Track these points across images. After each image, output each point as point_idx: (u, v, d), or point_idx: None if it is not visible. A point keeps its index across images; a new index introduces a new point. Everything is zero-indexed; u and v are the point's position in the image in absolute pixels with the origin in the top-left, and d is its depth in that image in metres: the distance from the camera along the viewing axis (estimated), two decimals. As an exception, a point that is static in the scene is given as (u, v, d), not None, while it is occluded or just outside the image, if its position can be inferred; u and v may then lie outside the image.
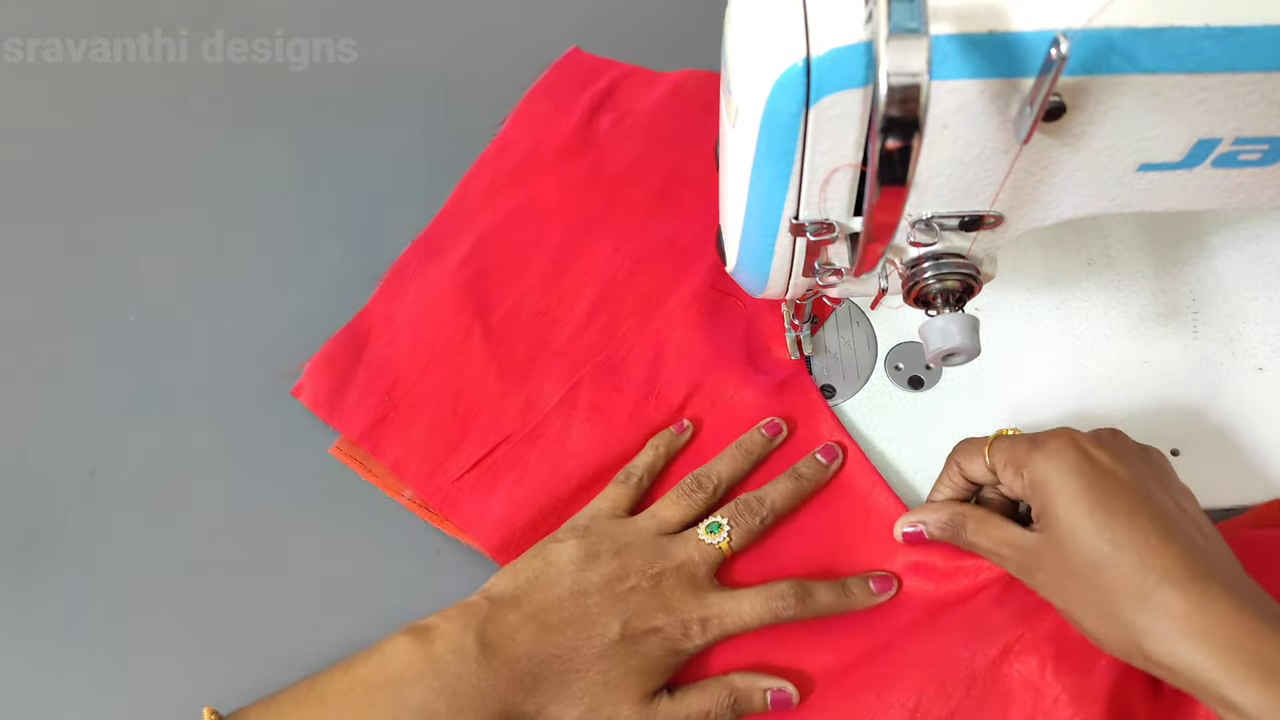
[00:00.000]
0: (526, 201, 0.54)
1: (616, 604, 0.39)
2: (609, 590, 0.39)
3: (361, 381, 0.49)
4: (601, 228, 0.53)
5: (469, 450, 0.47)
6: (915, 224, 0.34)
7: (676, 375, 0.48)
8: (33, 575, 0.46)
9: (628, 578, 0.40)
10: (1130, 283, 0.50)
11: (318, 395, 0.49)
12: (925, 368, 0.48)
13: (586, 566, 0.40)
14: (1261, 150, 0.31)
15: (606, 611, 0.39)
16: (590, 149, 0.56)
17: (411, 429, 0.48)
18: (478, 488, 0.46)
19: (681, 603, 0.40)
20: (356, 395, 0.49)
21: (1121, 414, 0.46)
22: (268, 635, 0.44)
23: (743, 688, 0.39)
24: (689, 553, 0.41)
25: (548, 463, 0.46)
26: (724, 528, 0.42)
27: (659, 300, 0.51)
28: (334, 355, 0.50)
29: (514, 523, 0.45)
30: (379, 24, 0.62)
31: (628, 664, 0.38)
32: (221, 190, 0.57)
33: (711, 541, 0.41)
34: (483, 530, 0.45)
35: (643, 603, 0.39)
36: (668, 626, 0.39)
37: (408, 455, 0.47)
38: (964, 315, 0.36)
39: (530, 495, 0.45)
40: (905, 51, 0.25)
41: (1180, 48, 0.28)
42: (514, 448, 0.47)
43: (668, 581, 0.40)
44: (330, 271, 0.54)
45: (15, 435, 0.50)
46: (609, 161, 0.55)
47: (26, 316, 0.53)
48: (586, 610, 0.39)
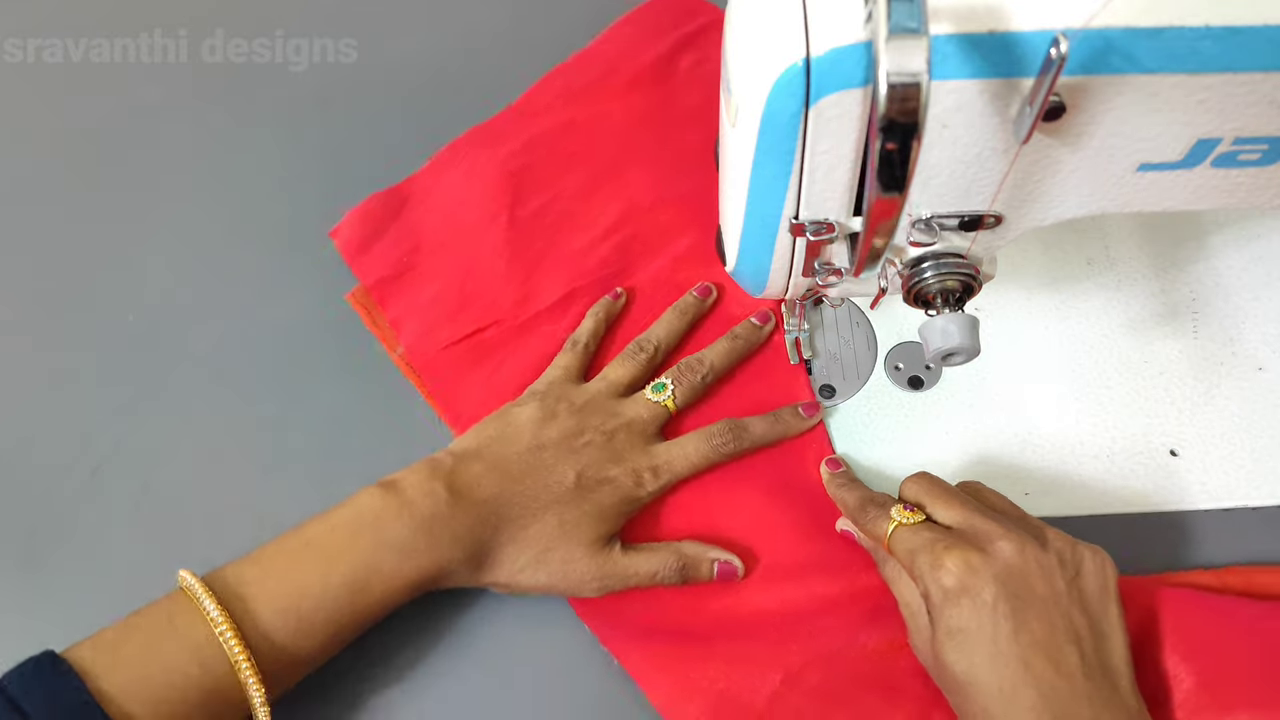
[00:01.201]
0: (589, 117, 0.56)
1: (572, 456, 0.42)
2: (565, 445, 0.42)
3: (390, 238, 0.53)
4: (649, 160, 0.55)
5: (461, 324, 0.50)
6: (915, 224, 0.34)
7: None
8: (35, 574, 0.46)
9: (583, 434, 0.43)
10: (1130, 283, 0.50)
11: (349, 241, 0.53)
12: (925, 368, 0.48)
13: (545, 424, 0.43)
14: (1261, 150, 0.31)
15: (562, 462, 0.42)
16: (664, 84, 0.57)
17: (419, 291, 0.51)
18: (460, 362, 0.49)
19: (632, 455, 0.43)
20: (381, 248, 0.52)
21: (1120, 414, 0.46)
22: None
23: (691, 555, 0.42)
24: (638, 410, 0.44)
25: (529, 357, 0.49)
26: (668, 387, 0.45)
27: (673, 236, 0.52)
28: (372, 210, 0.53)
29: (483, 404, 0.47)
30: (379, 24, 0.62)
31: (581, 509, 0.41)
32: (221, 190, 0.57)
33: (657, 400, 0.45)
34: (452, 402, 0.48)
35: (596, 455, 0.42)
36: (620, 476, 0.42)
37: (408, 314, 0.50)
38: (964, 315, 0.36)
39: (504, 382, 0.48)
40: (905, 51, 0.25)
41: (1180, 48, 0.28)
42: (502, 333, 0.50)
43: (619, 437, 0.43)
44: (330, 271, 0.54)
45: (17, 435, 0.50)
46: (678, 100, 0.57)
47: (27, 316, 0.53)
48: (544, 461, 0.42)
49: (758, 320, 0.48)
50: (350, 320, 0.52)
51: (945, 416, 0.47)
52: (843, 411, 0.48)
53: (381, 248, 0.52)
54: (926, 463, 0.46)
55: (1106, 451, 0.46)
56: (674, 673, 0.41)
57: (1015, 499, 0.44)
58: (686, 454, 0.44)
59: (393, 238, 0.53)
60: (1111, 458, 0.45)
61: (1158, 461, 0.45)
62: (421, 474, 0.41)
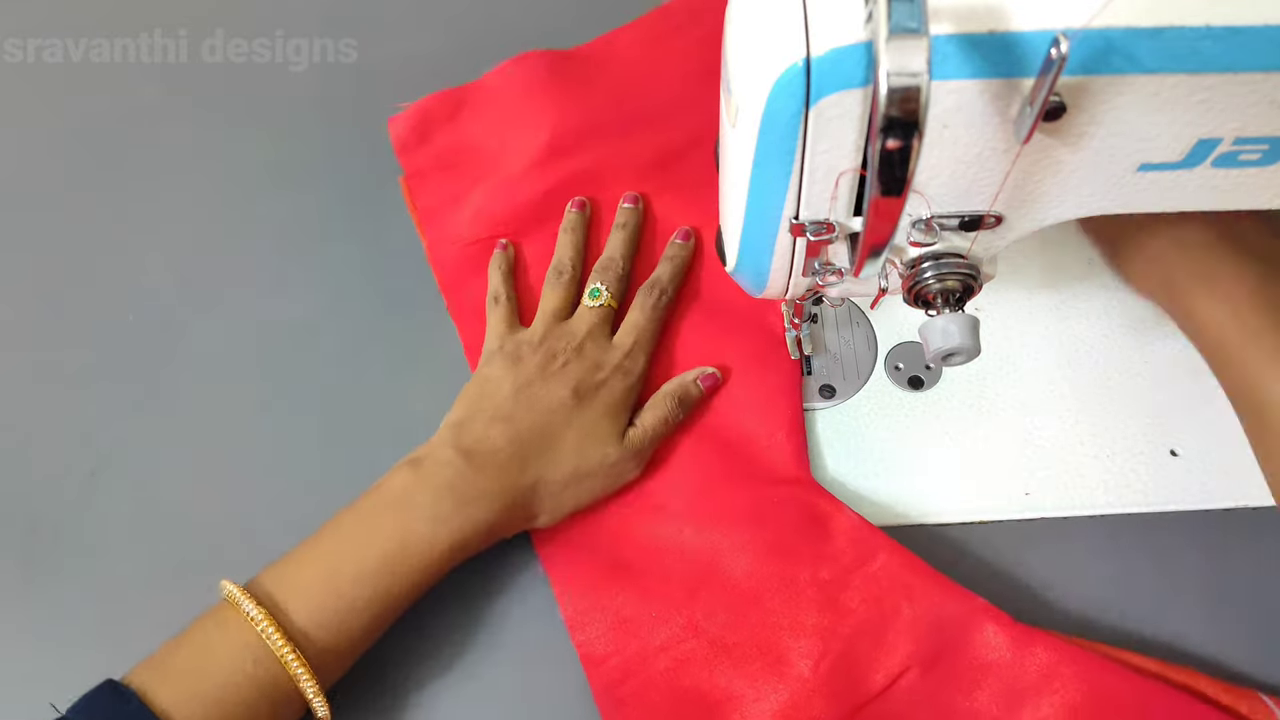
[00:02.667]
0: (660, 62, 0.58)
1: (559, 378, 0.45)
2: (545, 373, 0.45)
3: (439, 136, 0.56)
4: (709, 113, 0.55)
5: (481, 226, 0.53)
6: (915, 224, 0.34)
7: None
8: (34, 574, 0.46)
9: (555, 359, 0.46)
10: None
11: (403, 133, 0.56)
12: (925, 368, 0.48)
13: (517, 368, 0.45)
14: (1261, 150, 0.31)
15: (553, 387, 0.44)
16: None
17: (449, 188, 0.55)
18: (473, 261, 0.52)
19: (605, 354, 0.46)
20: (430, 145, 0.56)
21: (1121, 414, 0.46)
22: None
23: (676, 389, 0.47)
24: (589, 320, 0.48)
25: (533, 269, 0.52)
26: (601, 290, 0.49)
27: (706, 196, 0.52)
28: (429, 107, 0.57)
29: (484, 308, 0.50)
30: (379, 24, 0.62)
31: (594, 413, 0.44)
32: (221, 190, 0.57)
33: (597, 304, 0.48)
34: (459, 298, 0.52)
35: (578, 368, 0.45)
36: (609, 375, 0.46)
37: (437, 208, 0.54)
38: (964, 315, 0.36)
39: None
40: (905, 51, 0.25)
41: (1180, 48, 0.28)
42: (514, 241, 0.53)
43: (587, 346, 0.46)
44: (330, 272, 0.54)
45: (16, 435, 0.50)
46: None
47: (27, 316, 0.53)
48: (536, 395, 0.44)
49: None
50: (349, 321, 0.52)
51: (945, 416, 0.47)
52: (843, 411, 0.48)
53: (430, 144, 0.56)
54: (926, 463, 0.46)
55: (1106, 451, 0.46)
56: (588, 592, 0.43)
57: (1015, 499, 0.45)
58: (639, 324, 0.48)
59: (442, 136, 0.56)
60: (1111, 458, 0.45)
61: (1158, 461, 0.45)
62: (434, 447, 0.43)
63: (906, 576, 0.42)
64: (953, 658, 0.40)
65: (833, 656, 0.41)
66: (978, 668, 0.40)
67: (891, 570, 0.42)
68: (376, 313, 0.52)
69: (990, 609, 0.40)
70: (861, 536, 0.43)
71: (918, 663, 0.40)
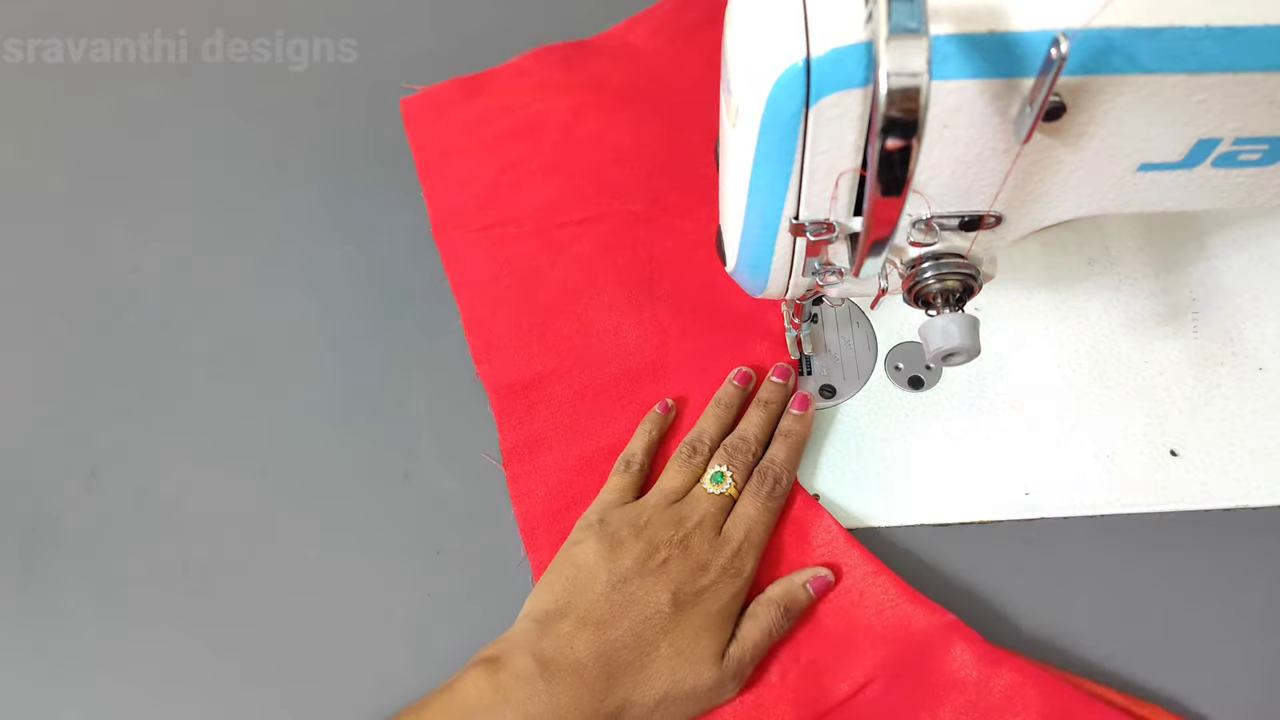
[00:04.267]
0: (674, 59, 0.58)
1: (658, 578, 0.40)
2: (645, 569, 0.40)
3: (453, 117, 0.57)
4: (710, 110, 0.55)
5: (486, 213, 0.53)
6: (915, 224, 0.34)
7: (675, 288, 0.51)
8: (34, 574, 0.46)
9: (658, 552, 0.40)
10: (1130, 283, 0.50)
11: (415, 111, 0.57)
12: (925, 368, 0.48)
13: (615, 556, 0.40)
14: (1261, 150, 0.31)
15: (652, 588, 0.40)
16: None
17: (459, 170, 0.55)
18: (475, 247, 0.53)
19: (714, 553, 0.41)
20: (442, 125, 0.57)
21: (1121, 414, 0.46)
22: (267, 634, 0.44)
23: (783, 595, 0.41)
24: (704, 509, 0.42)
25: (537, 259, 0.52)
26: (726, 476, 0.43)
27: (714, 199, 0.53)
28: (445, 92, 0.58)
29: (489, 287, 0.51)
30: (379, 24, 0.62)
31: (693, 627, 0.39)
32: (221, 190, 0.57)
33: (718, 491, 0.43)
34: (461, 279, 0.52)
35: (680, 569, 0.40)
36: (715, 580, 0.40)
37: (445, 193, 0.54)
38: (964, 315, 0.36)
39: (513, 275, 0.52)
40: (905, 51, 0.25)
41: (1180, 48, 0.28)
42: (520, 232, 0.53)
43: (694, 541, 0.41)
44: (330, 271, 0.54)
45: (16, 435, 0.50)
46: None
47: (27, 316, 0.53)
48: (632, 595, 0.39)
49: (779, 378, 0.47)
50: (349, 321, 0.52)
51: (945, 416, 0.47)
52: (843, 411, 0.48)
53: (441, 124, 0.57)
54: (926, 463, 0.46)
55: (1106, 451, 0.46)
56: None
57: (1015, 499, 0.45)
58: (752, 518, 0.42)
59: (455, 117, 0.57)
60: (1111, 458, 0.45)
61: (1158, 461, 0.45)
62: (513, 647, 0.39)
63: (877, 591, 0.42)
64: (919, 672, 0.40)
65: (802, 665, 0.41)
66: (943, 684, 0.40)
67: (862, 583, 0.42)
68: (376, 312, 0.52)
69: (960, 626, 0.40)
70: (835, 547, 0.43)
71: (884, 674, 0.40)
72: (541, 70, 0.58)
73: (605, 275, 0.51)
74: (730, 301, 0.50)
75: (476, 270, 0.52)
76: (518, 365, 0.49)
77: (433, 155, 0.56)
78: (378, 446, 0.48)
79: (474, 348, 0.50)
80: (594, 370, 0.49)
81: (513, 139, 0.56)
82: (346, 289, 0.53)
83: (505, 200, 0.54)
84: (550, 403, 0.48)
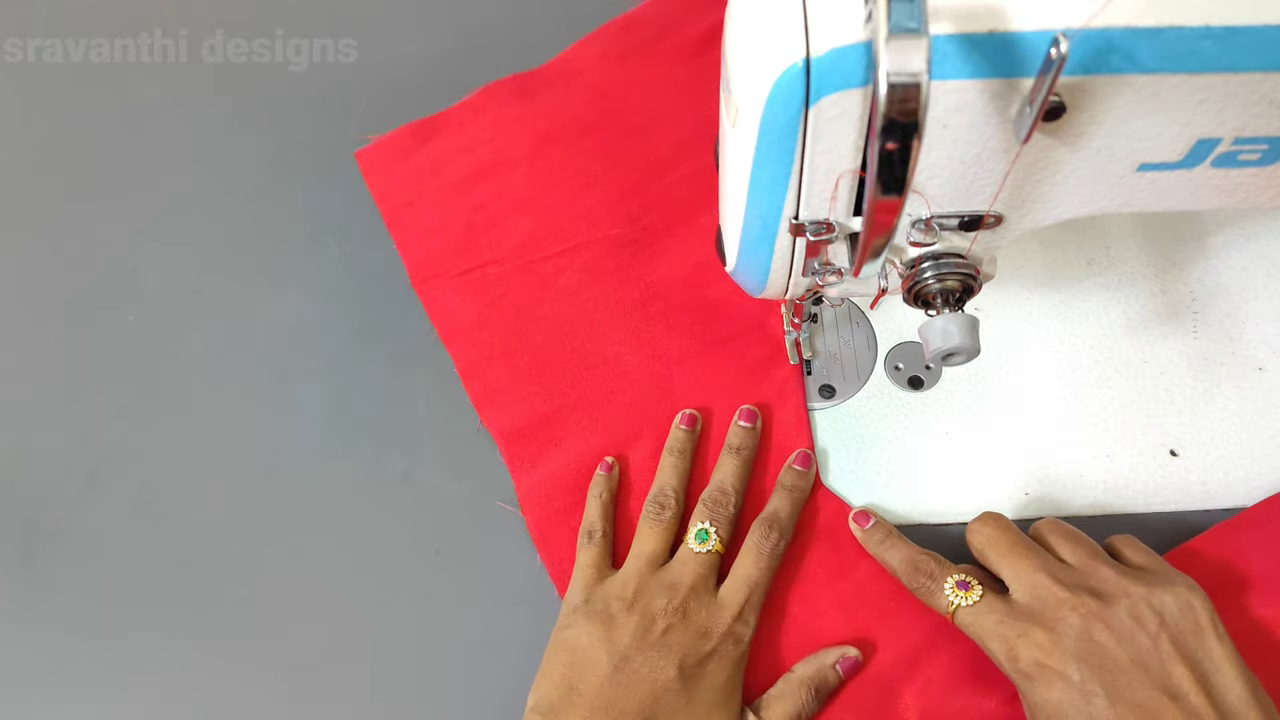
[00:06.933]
0: (623, 80, 0.58)
1: (662, 651, 0.38)
2: (645, 643, 0.38)
3: (410, 166, 0.56)
4: (676, 128, 0.56)
5: (465, 256, 0.53)
6: (915, 224, 0.34)
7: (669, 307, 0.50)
8: (34, 574, 0.46)
9: (655, 623, 0.39)
10: (1130, 283, 0.50)
11: (373, 164, 0.56)
12: (925, 368, 0.48)
13: (610, 634, 0.39)
14: (1261, 150, 0.31)
15: (657, 663, 0.38)
16: (704, 56, 0.58)
17: (428, 218, 0.54)
18: (459, 291, 0.52)
19: (714, 617, 0.40)
20: (402, 173, 0.56)
21: (1121, 414, 0.46)
22: (267, 634, 0.44)
23: (813, 675, 0.40)
24: (694, 570, 0.41)
25: (525, 295, 0.51)
26: (709, 532, 0.42)
27: (694, 213, 0.53)
28: (400, 138, 0.57)
29: (480, 329, 0.50)
30: (379, 24, 0.62)
31: (703, 701, 0.38)
32: (221, 190, 0.57)
33: (704, 549, 0.41)
34: (449, 325, 0.51)
35: (683, 637, 0.39)
36: (718, 645, 0.39)
37: (417, 241, 0.54)
38: (964, 315, 0.36)
39: (502, 314, 0.51)
40: (905, 51, 0.25)
41: (1180, 48, 0.28)
42: (502, 271, 0.52)
43: (692, 606, 0.40)
44: (330, 271, 0.54)
45: (16, 435, 0.50)
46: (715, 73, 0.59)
47: (27, 316, 0.53)
48: (637, 672, 0.38)
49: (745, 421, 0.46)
50: (349, 320, 0.52)
51: (945, 416, 0.47)
52: (843, 411, 0.48)
53: (401, 175, 0.56)
54: (927, 463, 0.46)
55: (1106, 451, 0.46)
56: None
57: (1015, 499, 0.45)
58: (752, 578, 0.41)
59: (413, 166, 0.56)
60: (1111, 458, 0.45)
61: (1158, 461, 0.45)
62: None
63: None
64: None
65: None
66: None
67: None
68: (376, 312, 0.52)
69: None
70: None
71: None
72: (495, 105, 0.57)
73: (596, 303, 0.51)
74: (725, 312, 0.50)
75: (463, 315, 0.51)
76: (522, 409, 0.48)
77: (398, 204, 0.55)
78: (378, 446, 0.48)
79: (474, 396, 0.49)
80: (601, 404, 0.48)
81: (478, 179, 0.55)
82: (346, 289, 0.53)
83: (481, 241, 0.53)
84: (561, 442, 0.47)
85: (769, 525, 0.42)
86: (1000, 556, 0.38)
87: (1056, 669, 0.34)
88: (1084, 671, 0.34)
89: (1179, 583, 0.36)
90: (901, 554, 0.41)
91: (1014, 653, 0.35)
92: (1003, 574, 0.38)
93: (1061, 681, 0.34)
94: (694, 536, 0.42)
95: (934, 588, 0.39)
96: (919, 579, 0.40)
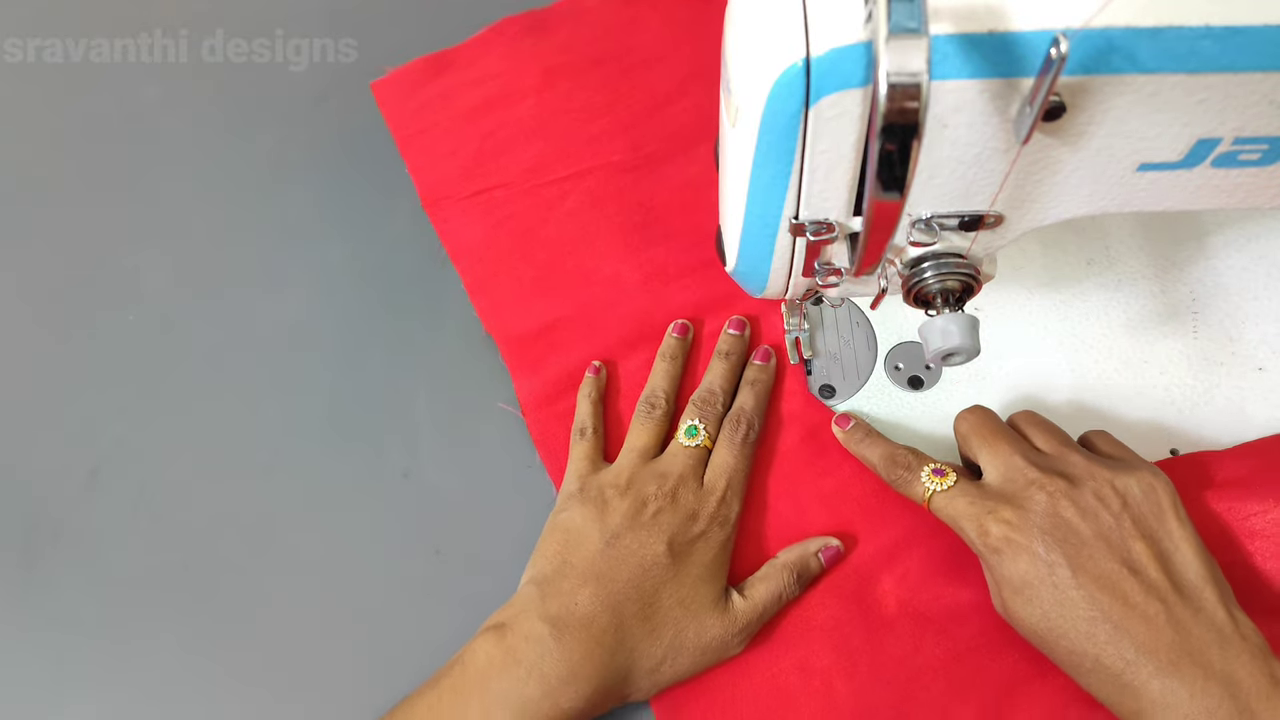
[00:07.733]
0: (630, 19, 0.60)
1: (652, 530, 0.41)
2: (636, 523, 0.41)
3: (424, 94, 0.58)
4: (679, 62, 0.58)
5: (474, 180, 0.54)
6: (915, 224, 0.34)
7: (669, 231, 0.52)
8: (35, 574, 0.46)
9: (646, 505, 0.41)
10: (1130, 283, 0.50)
11: (387, 93, 0.58)
12: (925, 368, 0.48)
13: (603, 516, 0.41)
14: (1261, 150, 0.31)
15: (647, 541, 0.40)
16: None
17: (440, 144, 0.56)
18: (468, 213, 0.54)
19: (701, 502, 0.42)
20: (415, 103, 0.58)
21: (1121, 414, 0.46)
22: (267, 633, 0.44)
23: (795, 562, 0.42)
24: (683, 461, 0.43)
25: (532, 217, 0.53)
26: (699, 428, 0.44)
27: (693, 143, 0.55)
28: (415, 71, 0.59)
29: (488, 246, 0.52)
30: (379, 24, 0.62)
31: (692, 575, 0.40)
32: (221, 190, 0.57)
33: (694, 444, 0.44)
34: (458, 242, 0.53)
35: (672, 519, 0.41)
36: (705, 526, 0.41)
37: (429, 166, 0.55)
38: (964, 315, 0.36)
39: (510, 234, 0.53)
40: (905, 51, 0.25)
41: (1180, 48, 0.28)
42: (510, 194, 0.54)
43: (681, 492, 0.42)
44: (330, 271, 0.54)
45: (17, 435, 0.50)
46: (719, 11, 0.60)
47: (27, 316, 0.53)
48: (628, 548, 0.40)
49: (734, 330, 0.48)
50: (349, 319, 0.52)
51: (945, 416, 0.47)
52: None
53: (413, 104, 0.58)
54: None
55: (1106, 451, 0.46)
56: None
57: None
58: (729, 464, 0.43)
59: (426, 97, 0.58)
60: (1111, 458, 0.45)
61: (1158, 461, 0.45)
62: (519, 610, 0.39)
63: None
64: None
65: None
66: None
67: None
68: (377, 311, 0.52)
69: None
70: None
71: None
72: (504, 42, 0.59)
73: (598, 226, 0.53)
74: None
75: (471, 235, 0.53)
76: (524, 317, 0.50)
77: (412, 133, 0.57)
78: (377, 446, 0.48)
79: (480, 309, 0.51)
80: (600, 315, 0.50)
81: (488, 109, 0.57)
82: (346, 289, 0.53)
83: (490, 166, 0.55)
84: (561, 349, 0.49)
85: (737, 419, 0.45)
86: (981, 440, 0.40)
87: (1023, 543, 0.36)
88: (1049, 545, 0.36)
89: (1144, 468, 0.38)
90: (880, 449, 0.43)
91: (984, 528, 0.37)
92: (980, 457, 0.40)
93: (1028, 555, 0.36)
94: (684, 432, 0.44)
95: (910, 478, 0.41)
96: (896, 471, 0.42)
